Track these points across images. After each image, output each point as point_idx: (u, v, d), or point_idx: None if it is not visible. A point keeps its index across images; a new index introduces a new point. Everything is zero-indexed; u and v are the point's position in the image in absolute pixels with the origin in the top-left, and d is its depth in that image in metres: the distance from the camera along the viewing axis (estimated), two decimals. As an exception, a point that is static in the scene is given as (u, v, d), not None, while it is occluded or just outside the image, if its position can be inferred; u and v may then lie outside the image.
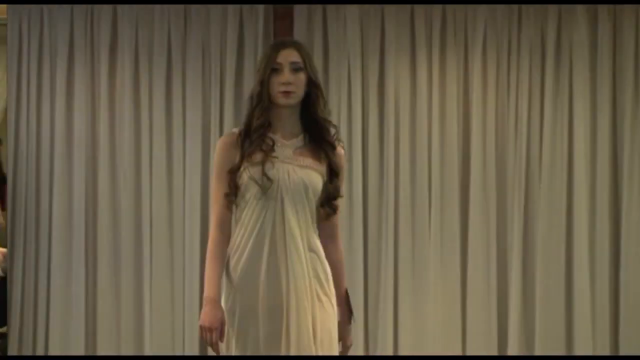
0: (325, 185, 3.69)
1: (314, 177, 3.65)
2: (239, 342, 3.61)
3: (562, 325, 6.76)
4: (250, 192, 3.62)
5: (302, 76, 3.65)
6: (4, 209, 6.86)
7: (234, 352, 3.64)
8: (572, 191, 6.78)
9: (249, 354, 3.62)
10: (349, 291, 3.80)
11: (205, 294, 3.66)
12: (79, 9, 6.91)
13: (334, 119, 4.06)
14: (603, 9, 6.86)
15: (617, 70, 6.88)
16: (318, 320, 3.60)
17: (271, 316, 3.57)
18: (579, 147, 6.77)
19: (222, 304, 3.66)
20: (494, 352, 6.84)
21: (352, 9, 6.84)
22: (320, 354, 3.62)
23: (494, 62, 6.85)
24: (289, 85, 3.61)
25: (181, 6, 6.91)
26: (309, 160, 3.67)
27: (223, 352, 3.69)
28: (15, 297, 6.87)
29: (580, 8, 6.84)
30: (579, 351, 6.81)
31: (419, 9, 6.91)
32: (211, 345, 3.65)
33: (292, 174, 3.61)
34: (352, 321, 3.81)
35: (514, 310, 6.72)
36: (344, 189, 3.79)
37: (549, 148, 6.80)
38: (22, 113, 6.91)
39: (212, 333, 3.62)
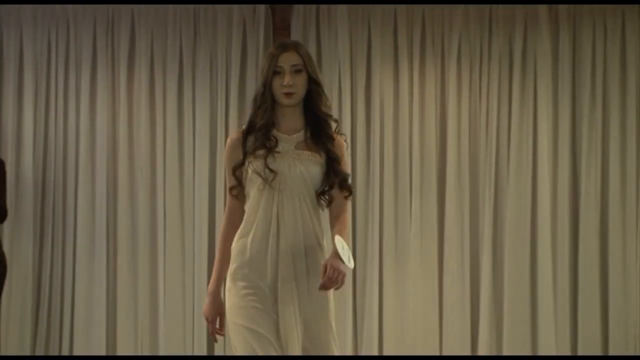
0: (326, 174, 3.73)
1: (313, 169, 3.71)
2: (242, 316, 3.62)
3: (527, 297, 7.06)
4: (254, 184, 3.69)
5: (302, 77, 3.70)
6: None
7: (236, 324, 3.65)
8: (536, 184, 7.11)
9: (249, 327, 3.61)
10: (344, 245, 3.71)
11: (208, 287, 3.80)
12: (101, 22, 7.16)
13: (327, 119, 4.32)
14: (564, 23, 7.14)
15: (576, 77, 7.20)
16: (309, 308, 3.62)
17: (272, 293, 3.62)
18: (542, 145, 7.09)
19: (228, 276, 3.72)
20: (467, 323, 7.09)
21: (343, 24, 7.07)
22: (307, 343, 3.63)
23: (468, 70, 7.18)
24: (291, 87, 3.68)
25: (191, 20, 7.12)
26: (308, 153, 3.72)
27: (230, 327, 3.69)
28: (45, 275, 7.07)
29: (543, 22, 7.11)
30: (541, 313, 7.01)
31: (401, 23, 7.15)
32: (211, 333, 3.81)
33: (292, 166, 3.68)
34: (344, 261, 3.62)
35: (485, 288, 7.05)
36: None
37: (516, 145, 7.13)
38: (51, 114, 7.20)
39: (209, 324, 3.76)
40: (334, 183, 3.69)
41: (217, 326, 3.78)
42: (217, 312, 3.73)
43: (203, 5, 7.17)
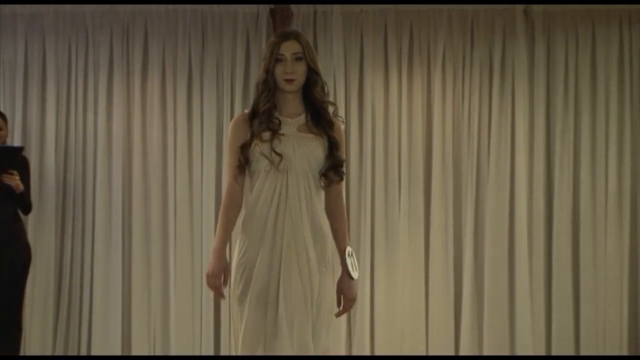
0: (327, 156, 3.77)
1: (316, 150, 3.76)
2: (245, 289, 3.69)
3: (505, 279, 7.22)
4: (261, 165, 3.71)
5: (302, 64, 3.75)
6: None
7: (238, 297, 3.71)
8: (514, 179, 7.27)
9: (250, 301, 3.67)
10: (351, 252, 3.84)
11: (212, 246, 3.82)
12: (116, 31, 7.29)
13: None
14: (539, 33, 7.29)
15: (550, 83, 7.33)
16: (314, 280, 3.67)
17: (273, 269, 3.68)
18: (519, 144, 7.26)
19: (235, 255, 3.76)
20: (451, 304, 7.23)
21: (338, 33, 7.22)
22: (313, 310, 3.67)
23: (451, 76, 7.33)
24: (292, 73, 3.73)
25: (199, 29, 7.25)
26: (310, 136, 3.77)
27: (233, 299, 3.75)
28: (65, 263, 7.22)
29: (520, 32, 7.26)
30: (518, 294, 7.14)
31: (391, 33, 7.28)
32: (215, 290, 3.80)
33: (297, 148, 3.72)
34: (353, 276, 3.78)
35: (467, 272, 7.24)
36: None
37: (495, 144, 7.31)
38: (71, 116, 7.34)
39: (215, 279, 3.75)
40: (331, 166, 3.74)
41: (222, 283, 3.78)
42: (221, 268, 3.75)
43: (210, 15, 7.27)
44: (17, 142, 7.12)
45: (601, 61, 7.32)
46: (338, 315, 3.76)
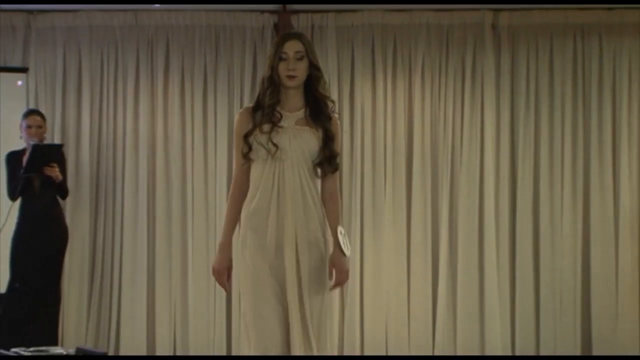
0: (322, 148, 3.69)
1: (311, 142, 3.68)
2: (248, 272, 3.63)
3: (475, 253, 7.44)
4: (259, 155, 3.65)
5: (304, 63, 3.68)
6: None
7: (242, 281, 3.65)
8: (483, 170, 7.51)
9: (255, 282, 3.61)
10: (343, 232, 3.71)
11: (219, 240, 3.77)
12: (142, 43, 7.47)
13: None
14: (505, 45, 7.50)
15: (514, 87, 7.55)
16: (307, 259, 3.61)
17: (276, 252, 3.62)
18: (487, 139, 7.51)
19: (239, 243, 3.68)
20: (429, 276, 7.42)
21: (332, 44, 7.44)
22: (307, 286, 3.60)
23: (429, 82, 7.55)
24: (293, 70, 3.66)
25: (213, 41, 7.44)
26: (307, 129, 3.68)
27: (243, 284, 3.67)
28: (99, 240, 7.43)
29: (489, 44, 7.48)
30: (487, 266, 7.35)
31: (378, 45, 7.49)
32: (220, 284, 3.75)
33: (293, 139, 3.65)
34: (345, 254, 3.67)
35: (443, 249, 7.48)
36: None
37: (467, 140, 7.53)
38: (103, 115, 7.54)
39: (219, 276, 3.70)
40: (326, 158, 3.68)
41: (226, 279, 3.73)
42: (225, 264, 3.69)
43: (222, 29, 7.46)
44: (56, 139, 7.40)
45: (558, 69, 7.53)
46: (332, 288, 3.67)
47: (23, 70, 7.54)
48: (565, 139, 7.57)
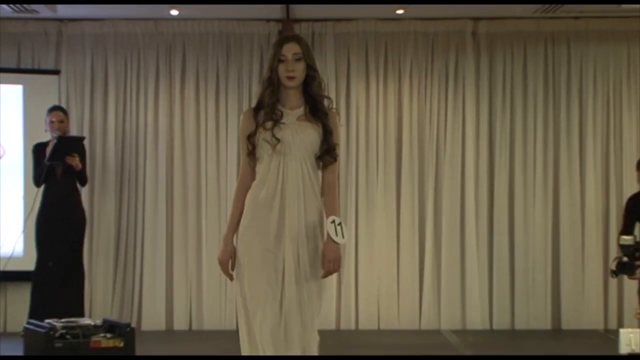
0: (322, 142, 3.62)
1: (312, 137, 3.61)
2: (252, 257, 3.58)
3: (457, 231, 7.76)
4: (264, 150, 3.60)
5: (302, 64, 3.61)
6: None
7: (245, 266, 3.57)
8: (464, 160, 7.83)
9: (256, 268, 3.55)
10: (337, 220, 3.57)
11: (223, 232, 3.72)
12: (162, 48, 7.77)
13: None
14: (484, 50, 7.81)
15: (492, 87, 7.88)
16: (305, 250, 3.56)
17: (275, 241, 3.57)
18: (468, 133, 7.85)
19: (241, 228, 3.59)
20: (416, 252, 7.72)
21: (330, 50, 7.72)
22: (303, 273, 3.54)
23: (417, 83, 7.88)
24: (292, 71, 3.60)
25: (224, 46, 7.73)
26: (307, 124, 3.62)
27: (239, 271, 3.59)
28: (123, 224, 7.72)
29: (469, 49, 7.78)
30: (467, 241, 7.65)
31: (371, 50, 7.78)
32: (225, 274, 3.65)
33: (295, 135, 3.59)
34: (336, 240, 3.53)
35: (429, 229, 7.83)
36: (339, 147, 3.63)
37: (450, 134, 7.85)
38: (127, 113, 7.84)
39: (223, 266, 3.63)
40: (326, 150, 3.62)
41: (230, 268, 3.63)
42: (229, 255, 3.61)
43: (233, 35, 7.74)
44: (85, 133, 7.68)
45: (531, 71, 7.84)
46: (322, 277, 3.59)
47: (55, 72, 7.82)
48: (538, 133, 7.86)
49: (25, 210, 7.20)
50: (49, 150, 6.88)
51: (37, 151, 7.05)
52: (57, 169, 6.87)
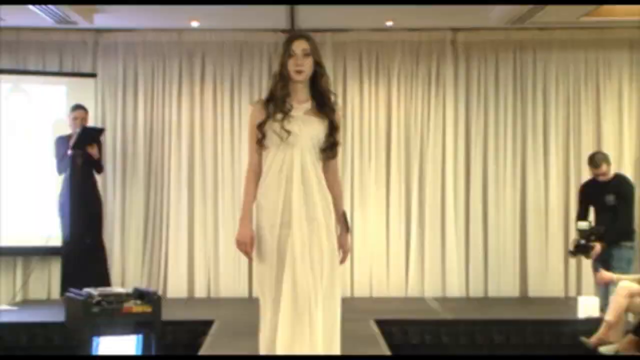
0: (327, 136, 3.65)
1: (319, 130, 3.64)
2: (262, 246, 3.64)
3: (438, 217, 8.21)
4: (273, 141, 3.63)
5: (310, 59, 3.64)
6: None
7: (259, 254, 3.64)
8: (445, 153, 8.30)
9: (268, 257, 3.60)
10: (345, 214, 3.72)
11: (239, 215, 3.75)
12: (185, 55, 8.13)
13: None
14: (461, 57, 8.18)
15: (468, 90, 8.28)
16: (315, 235, 3.61)
17: (283, 228, 3.62)
18: (448, 129, 8.31)
19: (256, 211, 3.66)
20: (403, 230, 8.09)
21: (329, 55, 7.94)
22: (319, 260, 3.57)
23: (404, 86, 8.32)
24: (301, 66, 3.63)
25: (239, 53, 8.10)
26: (314, 118, 3.64)
27: (254, 257, 3.65)
28: (150, 210, 8.19)
29: (449, 56, 8.17)
30: (447, 224, 8.01)
31: (365, 57, 8.14)
32: (245, 254, 3.67)
33: (303, 127, 3.62)
34: (349, 232, 3.67)
35: (414, 211, 8.27)
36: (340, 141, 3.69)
37: (432, 130, 8.32)
38: (154, 112, 8.29)
39: (243, 245, 3.65)
40: (329, 145, 3.67)
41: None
42: (247, 235, 3.65)
43: (245, 44, 8.11)
44: (117, 130, 8.17)
45: (502, 76, 8.32)
46: (341, 263, 3.64)
47: (93, 75, 8.19)
48: (508, 129, 8.40)
49: (60, 195, 7.38)
50: (72, 140, 7.10)
51: (59, 143, 7.31)
52: (77, 159, 7.12)
